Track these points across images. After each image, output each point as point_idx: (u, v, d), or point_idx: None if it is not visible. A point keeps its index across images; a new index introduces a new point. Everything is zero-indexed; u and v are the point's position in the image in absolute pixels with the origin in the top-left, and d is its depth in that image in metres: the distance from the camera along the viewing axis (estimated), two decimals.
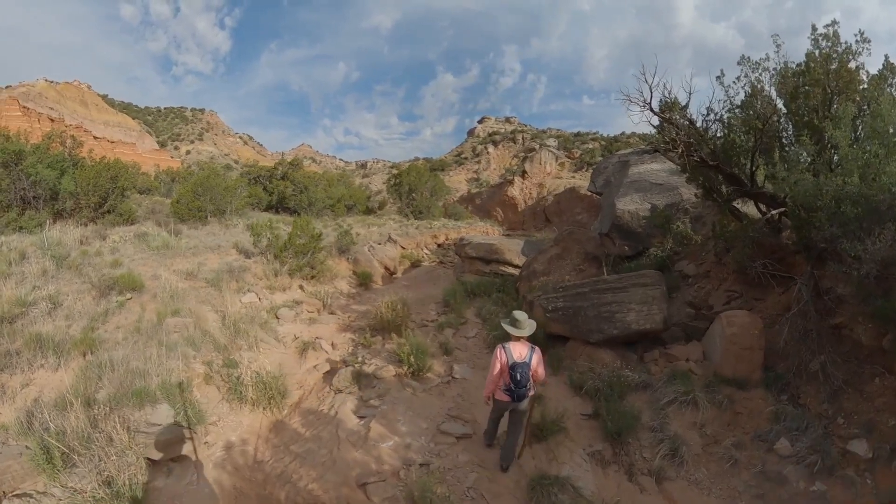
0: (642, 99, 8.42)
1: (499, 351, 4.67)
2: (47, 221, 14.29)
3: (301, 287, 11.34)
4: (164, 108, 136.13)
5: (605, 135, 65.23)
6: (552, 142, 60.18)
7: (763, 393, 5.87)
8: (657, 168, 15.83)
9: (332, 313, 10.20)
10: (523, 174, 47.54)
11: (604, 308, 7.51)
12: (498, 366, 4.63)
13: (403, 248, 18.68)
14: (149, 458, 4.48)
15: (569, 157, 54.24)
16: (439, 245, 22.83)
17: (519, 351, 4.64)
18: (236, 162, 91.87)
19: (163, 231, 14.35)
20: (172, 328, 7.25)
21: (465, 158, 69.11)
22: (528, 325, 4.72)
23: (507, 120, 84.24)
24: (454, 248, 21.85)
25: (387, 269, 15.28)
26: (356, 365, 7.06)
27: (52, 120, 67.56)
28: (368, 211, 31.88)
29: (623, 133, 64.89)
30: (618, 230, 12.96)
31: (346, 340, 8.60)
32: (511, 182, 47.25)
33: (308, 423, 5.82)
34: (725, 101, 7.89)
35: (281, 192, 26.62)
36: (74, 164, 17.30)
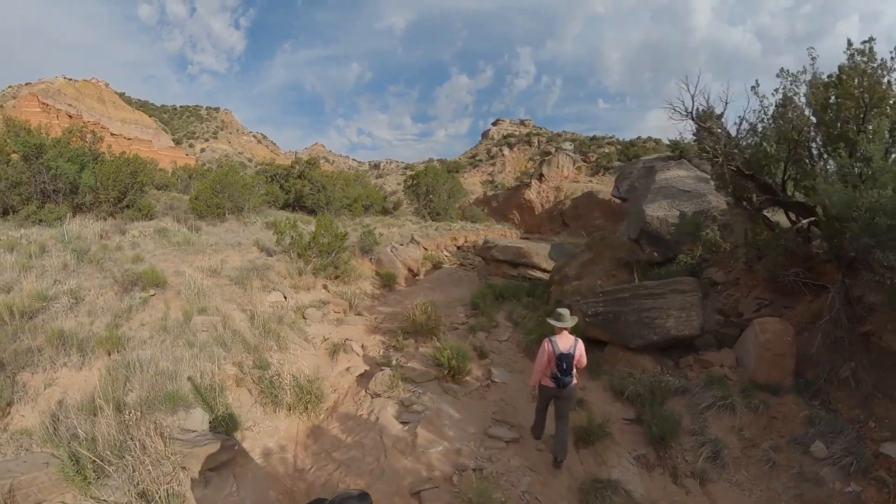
0: (684, 108, 8.27)
1: (546, 343, 5.08)
2: (66, 215, 14.14)
3: (325, 287, 11.04)
4: (180, 107, 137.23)
5: (621, 139, 64.35)
6: (568, 145, 59.40)
7: (796, 398, 5.95)
8: (683, 174, 15.49)
9: (358, 314, 9.88)
10: (540, 177, 46.93)
11: (644, 314, 7.40)
12: (545, 356, 5.05)
13: (425, 249, 18.34)
14: (185, 468, 4.14)
15: (585, 161, 53.58)
16: (459, 247, 22.46)
17: (564, 342, 5.06)
18: (250, 160, 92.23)
19: (182, 227, 14.14)
20: (200, 327, 6.96)
21: (480, 160, 68.58)
22: (571, 319, 5.17)
23: (522, 122, 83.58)
24: (474, 250, 21.50)
25: (410, 270, 14.94)
26: (392, 368, 6.72)
27: (71, 116, 68.09)
28: (385, 211, 31.59)
29: (639, 137, 64.03)
30: (647, 236, 12.60)
31: (377, 343, 8.27)
32: (528, 185, 46.69)
33: (348, 428, 5.50)
34: (759, 112, 7.94)
35: (298, 190, 26.35)
36: (94, 159, 17.15)
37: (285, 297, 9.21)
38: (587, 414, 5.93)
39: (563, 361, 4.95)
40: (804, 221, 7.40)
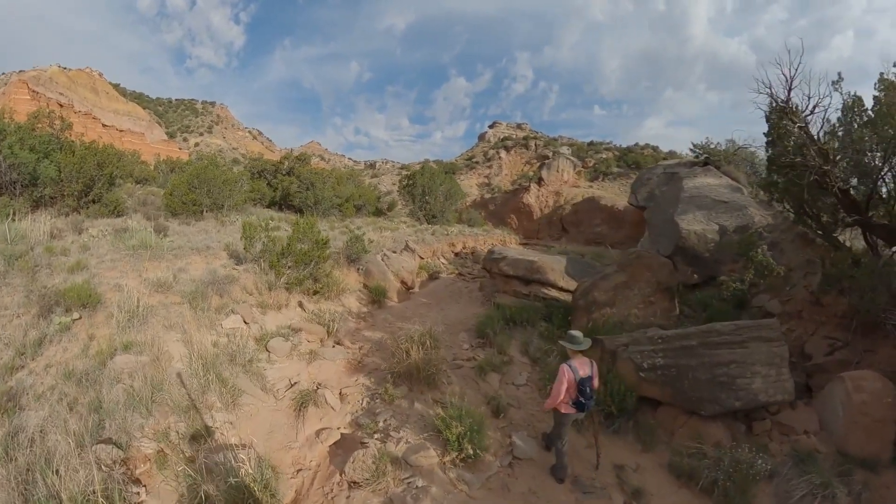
0: (775, 92, 6.66)
1: (565, 369, 4.84)
2: (16, 210, 12.34)
3: (300, 304, 9.21)
4: (175, 100, 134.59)
5: (618, 145, 63.28)
6: (566, 150, 57.89)
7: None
8: (715, 183, 13.93)
9: (338, 343, 8.00)
10: (540, 181, 45.17)
11: (719, 370, 5.66)
12: (565, 384, 4.80)
13: (421, 257, 16.51)
14: None
15: (583, 167, 52.13)
16: (456, 254, 20.67)
17: (582, 367, 4.90)
18: (244, 156, 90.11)
19: (149, 226, 12.33)
20: (119, 372, 5.14)
21: (477, 163, 66.60)
22: (585, 342, 5.02)
23: (519, 126, 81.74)
24: (473, 258, 19.77)
25: (403, 282, 13.09)
26: (376, 437, 4.94)
27: (61, 105, 65.54)
28: (378, 212, 29.72)
29: (637, 144, 63.11)
30: (683, 254, 10.91)
31: (360, 389, 6.38)
32: (527, 189, 44.89)
33: None
34: (847, 113, 6.73)
35: (285, 188, 24.45)
36: (61, 148, 15.40)
37: (246, 322, 7.37)
38: None
39: (586, 386, 4.81)
40: (893, 249, 6.49)
